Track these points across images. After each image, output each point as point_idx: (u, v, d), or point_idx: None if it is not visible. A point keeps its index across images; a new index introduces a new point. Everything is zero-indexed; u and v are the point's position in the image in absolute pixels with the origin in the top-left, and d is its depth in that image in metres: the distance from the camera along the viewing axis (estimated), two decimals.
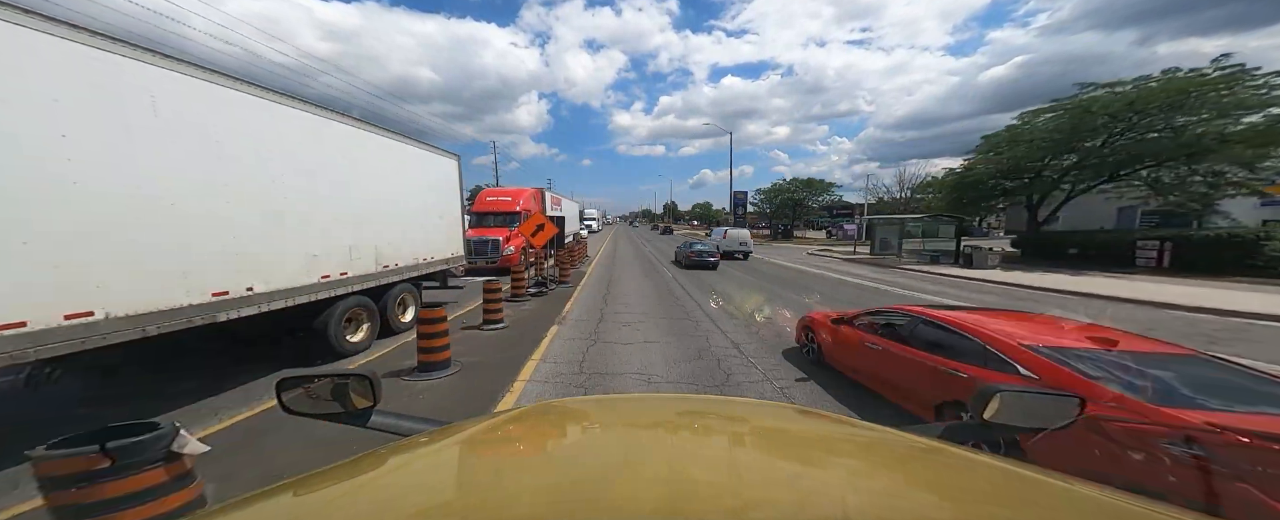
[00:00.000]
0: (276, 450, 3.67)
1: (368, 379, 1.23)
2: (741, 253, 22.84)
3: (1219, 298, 10.56)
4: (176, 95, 4.03)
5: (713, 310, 9.42)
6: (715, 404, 1.76)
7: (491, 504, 0.72)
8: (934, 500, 0.79)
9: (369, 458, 0.94)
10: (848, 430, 1.25)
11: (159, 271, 3.91)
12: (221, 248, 4.43)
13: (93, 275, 3.45)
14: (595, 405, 1.60)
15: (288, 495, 0.79)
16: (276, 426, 3.99)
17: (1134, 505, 0.71)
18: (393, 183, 7.17)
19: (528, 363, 5.89)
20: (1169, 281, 13.45)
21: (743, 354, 6.31)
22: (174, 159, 4.00)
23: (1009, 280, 14.36)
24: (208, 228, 4.30)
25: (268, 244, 4.95)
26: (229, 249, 4.50)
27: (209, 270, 4.31)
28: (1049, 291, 12.38)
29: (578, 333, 7.46)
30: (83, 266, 3.39)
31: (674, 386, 5.18)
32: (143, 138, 3.77)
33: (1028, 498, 0.80)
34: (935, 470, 0.94)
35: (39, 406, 4.44)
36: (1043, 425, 1.21)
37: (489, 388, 5.08)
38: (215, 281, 4.36)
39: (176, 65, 4.05)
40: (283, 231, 5.14)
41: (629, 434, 1.19)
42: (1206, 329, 8.03)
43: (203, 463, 2.15)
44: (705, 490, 0.73)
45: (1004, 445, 2.89)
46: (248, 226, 4.70)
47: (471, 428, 1.13)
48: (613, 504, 0.68)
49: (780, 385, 5.19)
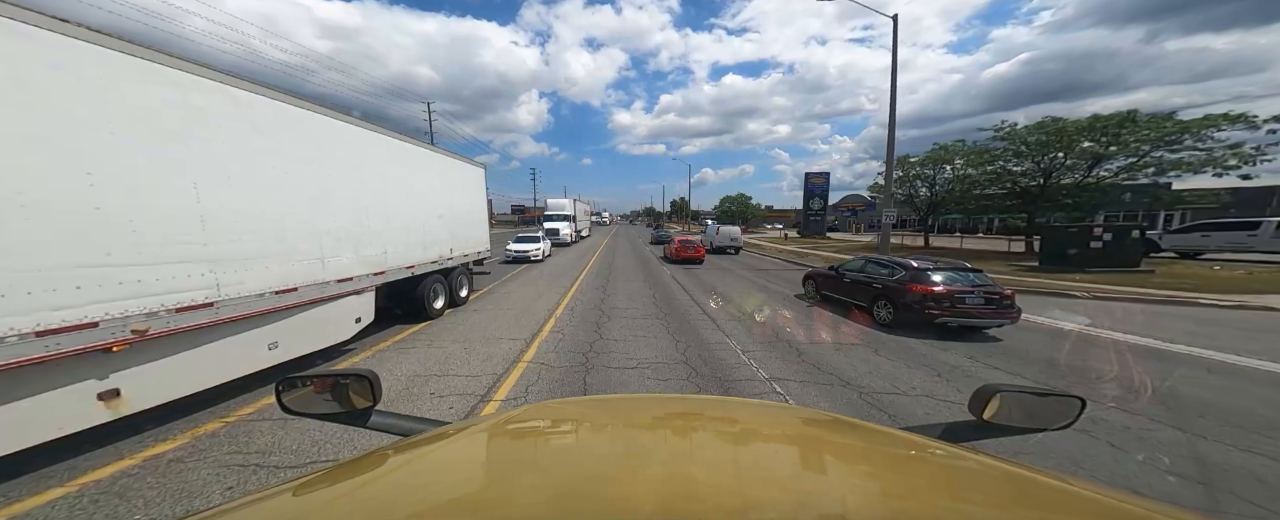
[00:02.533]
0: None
1: (368, 379, 1.25)
2: (732, 248, 24.54)
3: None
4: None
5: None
6: (715, 404, 1.75)
7: (491, 504, 0.72)
8: (933, 500, 0.78)
9: (369, 458, 0.95)
10: (848, 430, 1.23)
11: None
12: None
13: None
14: (595, 405, 1.59)
15: (288, 495, 0.80)
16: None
17: (1134, 505, 0.71)
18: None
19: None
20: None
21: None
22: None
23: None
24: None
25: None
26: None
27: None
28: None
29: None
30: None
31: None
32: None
33: (1027, 498, 0.79)
34: (935, 470, 0.94)
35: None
36: (1043, 425, 1.17)
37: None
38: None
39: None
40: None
41: (629, 434, 1.18)
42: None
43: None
44: (705, 490, 0.73)
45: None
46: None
47: (471, 427, 1.14)
48: (612, 504, 0.68)
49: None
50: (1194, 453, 3.69)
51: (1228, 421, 4.25)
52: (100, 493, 3.07)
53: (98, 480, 3.21)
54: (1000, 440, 1.19)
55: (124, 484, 3.17)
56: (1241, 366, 5.94)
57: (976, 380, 5.36)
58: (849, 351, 6.45)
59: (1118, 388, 5.12)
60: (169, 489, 3.11)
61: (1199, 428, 4.12)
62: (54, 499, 3.00)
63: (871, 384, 5.18)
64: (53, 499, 2.99)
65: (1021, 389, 1.19)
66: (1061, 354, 6.57)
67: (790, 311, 9.40)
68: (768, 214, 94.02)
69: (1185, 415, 4.39)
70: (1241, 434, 3.99)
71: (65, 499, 3.00)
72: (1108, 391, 4.99)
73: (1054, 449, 3.68)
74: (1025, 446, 3.64)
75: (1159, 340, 7.19)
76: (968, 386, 4.99)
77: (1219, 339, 7.20)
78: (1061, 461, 3.56)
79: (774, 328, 7.84)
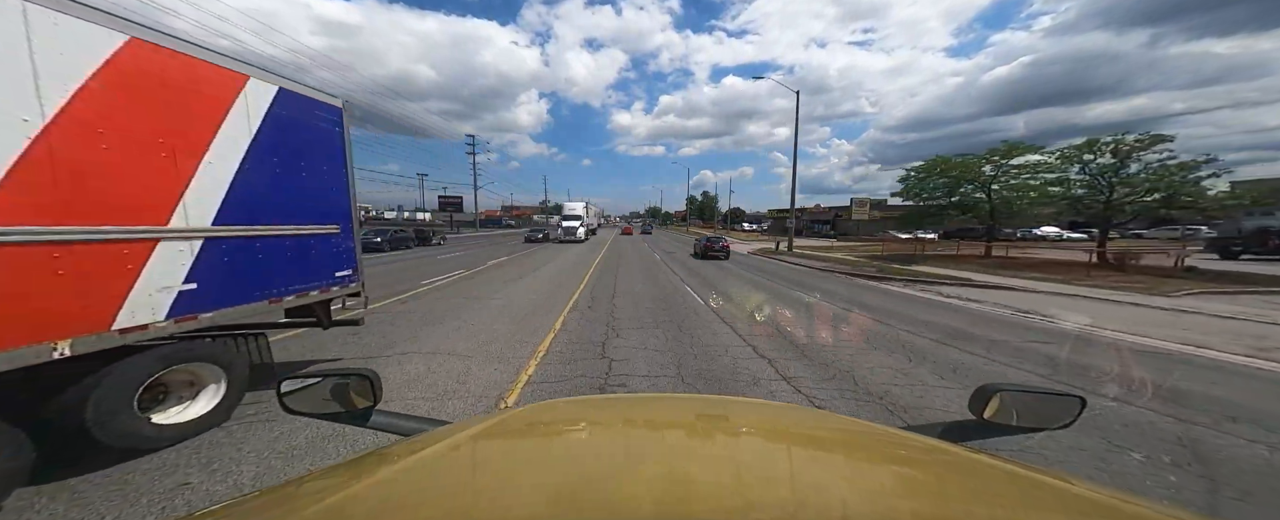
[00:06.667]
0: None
1: (368, 378, 1.25)
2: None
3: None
4: None
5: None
6: (715, 404, 1.74)
7: (491, 503, 0.72)
8: (934, 500, 0.79)
9: (369, 457, 0.95)
10: (848, 430, 1.24)
11: None
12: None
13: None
14: (595, 405, 1.60)
15: (287, 496, 0.80)
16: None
17: (1134, 505, 0.71)
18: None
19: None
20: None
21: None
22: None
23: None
24: None
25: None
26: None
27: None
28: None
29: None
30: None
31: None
32: None
33: (1028, 498, 0.79)
34: (935, 470, 0.94)
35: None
36: (1043, 425, 1.17)
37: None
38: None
39: None
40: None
41: (629, 434, 1.19)
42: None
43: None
44: (705, 490, 0.73)
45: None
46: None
47: (471, 427, 1.13)
48: (613, 503, 0.68)
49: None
50: None
51: None
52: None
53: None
54: (1001, 440, 1.20)
55: None
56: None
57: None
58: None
59: None
60: None
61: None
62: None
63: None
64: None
65: (1022, 388, 1.19)
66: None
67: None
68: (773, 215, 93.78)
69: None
70: None
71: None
72: None
73: (1054, 436, 3.67)
74: (1026, 446, 3.63)
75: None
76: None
77: None
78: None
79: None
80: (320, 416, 1.25)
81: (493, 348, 6.39)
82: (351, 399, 1.25)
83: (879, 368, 5.70)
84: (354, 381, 1.26)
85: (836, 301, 11.03)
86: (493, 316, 8.45)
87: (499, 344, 6.58)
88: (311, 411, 1.25)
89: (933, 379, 5.35)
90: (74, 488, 2.94)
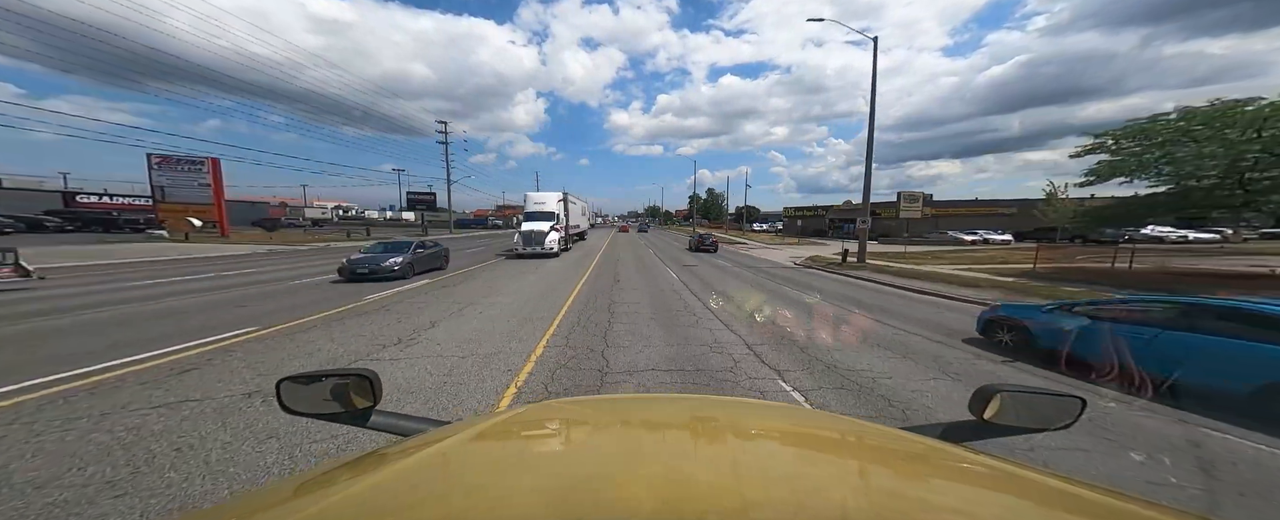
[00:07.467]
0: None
1: (368, 379, 1.24)
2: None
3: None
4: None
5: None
6: (715, 404, 1.74)
7: (491, 504, 0.71)
8: (934, 500, 0.78)
9: (369, 458, 0.95)
10: (848, 430, 1.24)
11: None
12: None
13: None
14: (595, 405, 1.60)
15: (287, 496, 0.81)
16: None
17: (1134, 505, 0.71)
18: None
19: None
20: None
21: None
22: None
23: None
24: None
25: None
26: None
27: None
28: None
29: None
30: None
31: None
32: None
33: (1028, 498, 0.79)
34: (935, 470, 0.94)
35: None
36: (1043, 425, 1.17)
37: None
38: None
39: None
40: None
41: (629, 434, 1.19)
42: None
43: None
44: (705, 490, 0.73)
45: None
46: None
47: (471, 427, 1.13)
48: (612, 504, 0.68)
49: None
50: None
51: None
52: None
53: None
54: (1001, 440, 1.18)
55: None
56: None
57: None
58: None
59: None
60: None
61: None
62: None
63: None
64: None
65: (1022, 389, 1.18)
66: None
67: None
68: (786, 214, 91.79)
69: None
70: None
71: None
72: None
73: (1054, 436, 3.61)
74: (1025, 446, 3.63)
75: None
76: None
77: None
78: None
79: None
80: (320, 417, 1.23)
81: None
82: (351, 399, 1.23)
83: None
84: (354, 381, 1.24)
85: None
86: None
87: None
88: (311, 411, 1.23)
89: None
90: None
